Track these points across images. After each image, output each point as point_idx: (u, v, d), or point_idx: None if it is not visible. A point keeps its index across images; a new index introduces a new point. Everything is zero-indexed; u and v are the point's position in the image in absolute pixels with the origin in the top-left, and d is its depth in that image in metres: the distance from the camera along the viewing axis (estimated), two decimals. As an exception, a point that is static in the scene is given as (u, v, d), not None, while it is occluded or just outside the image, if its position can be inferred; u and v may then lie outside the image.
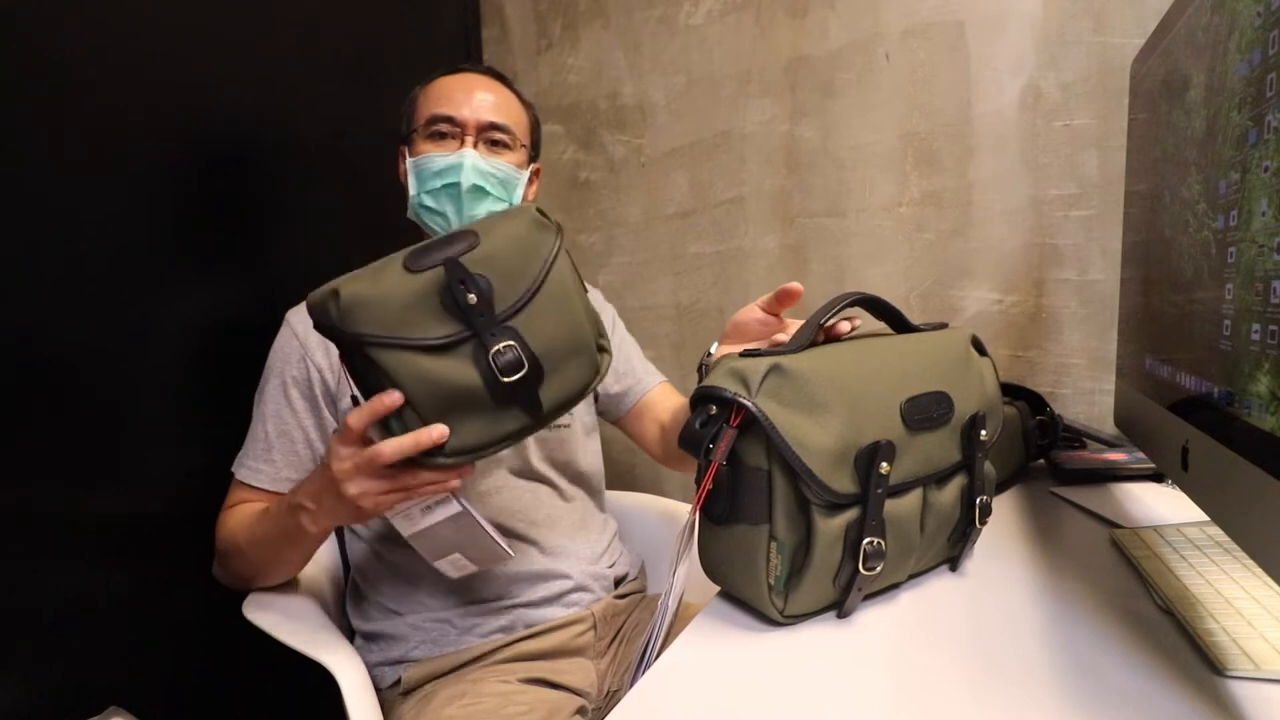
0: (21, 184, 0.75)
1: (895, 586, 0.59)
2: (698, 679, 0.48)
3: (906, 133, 1.17)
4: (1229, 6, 0.44)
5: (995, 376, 0.65)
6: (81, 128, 0.80)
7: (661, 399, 1.01)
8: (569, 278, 0.67)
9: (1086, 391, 1.09)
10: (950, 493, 0.59)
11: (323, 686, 0.69)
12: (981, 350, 0.66)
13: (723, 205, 1.32)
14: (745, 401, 0.51)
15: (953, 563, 0.63)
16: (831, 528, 0.52)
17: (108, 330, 0.82)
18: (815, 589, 0.53)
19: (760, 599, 0.54)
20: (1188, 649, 0.47)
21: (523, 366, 0.61)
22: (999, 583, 0.59)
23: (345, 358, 0.61)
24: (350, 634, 0.86)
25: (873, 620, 0.54)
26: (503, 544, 0.69)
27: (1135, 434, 0.70)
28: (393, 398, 0.59)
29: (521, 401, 0.63)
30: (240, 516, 0.78)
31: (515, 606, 0.82)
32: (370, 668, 0.80)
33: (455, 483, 0.64)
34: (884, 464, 0.52)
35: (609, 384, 1.02)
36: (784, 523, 0.52)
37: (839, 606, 0.55)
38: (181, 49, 0.91)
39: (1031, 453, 0.88)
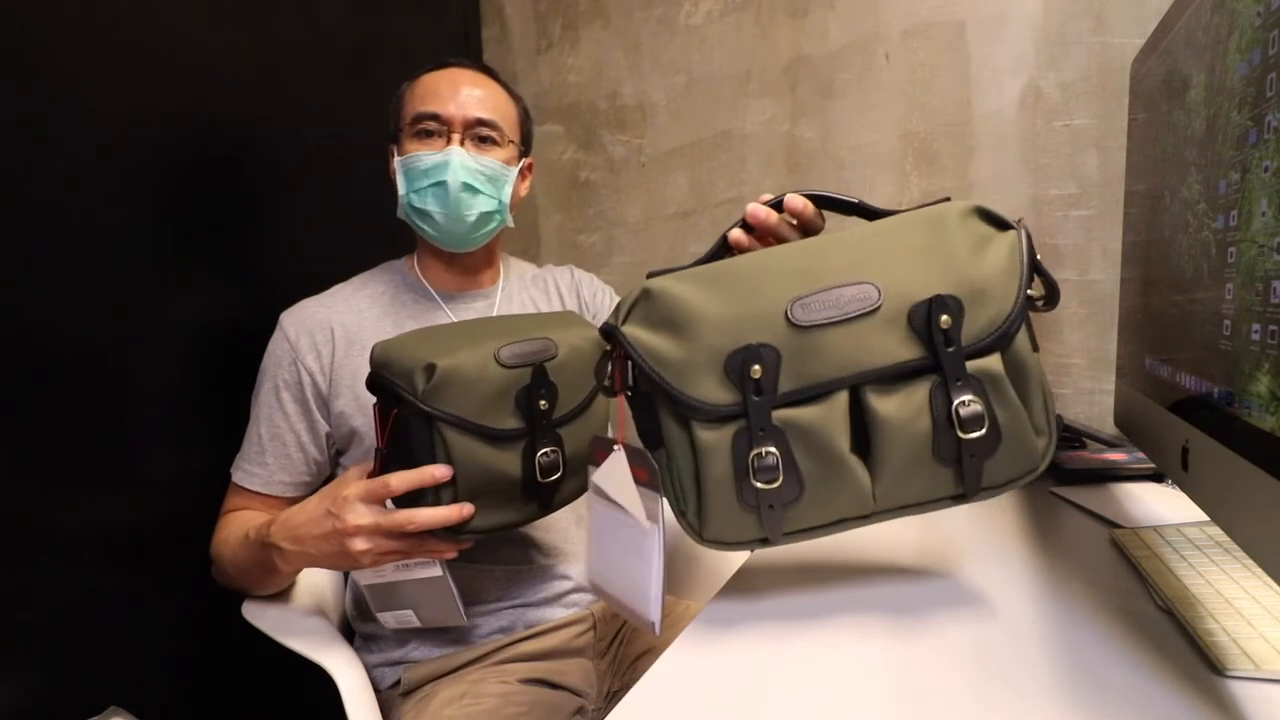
0: (18, 184, 0.75)
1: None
2: (697, 679, 0.48)
3: (906, 133, 1.17)
4: (1229, 6, 0.44)
5: (1014, 254, 0.51)
6: (79, 127, 0.80)
7: None
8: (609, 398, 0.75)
9: (1086, 391, 1.09)
10: (907, 399, 0.50)
11: (322, 687, 0.69)
12: (1000, 224, 0.53)
13: (723, 205, 1.32)
14: (613, 329, 0.53)
15: (961, 498, 0.52)
16: (711, 440, 0.51)
17: (108, 331, 0.82)
18: (723, 511, 0.52)
19: (680, 522, 0.54)
20: (1188, 649, 0.47)
21: (558, 470, 0.68)
22: (999, 583, 0.59)
23: (398, 416, 0.62)
24: (350, 635, 0.86)
25: (873, 620, 0.54)
26: (462, 609, 0.72)
27: (1135, 434, 0.70)
28: (443, 472, 0.61)
29: (541, 497, 0.69)
30: (229, 530, 0.79)
31: (515, 607, 0.82)
32: (370, 668, 0.80)
33: (453, 554, 0.67)
34: (755, 367, 0.50)
35: None
36: (674, 443, 0.53)
37: (763, 541, 0.53)
38: (180, 49, 0.91)
39: None
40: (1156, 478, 0.85)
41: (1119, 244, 0.99)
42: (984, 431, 0.49)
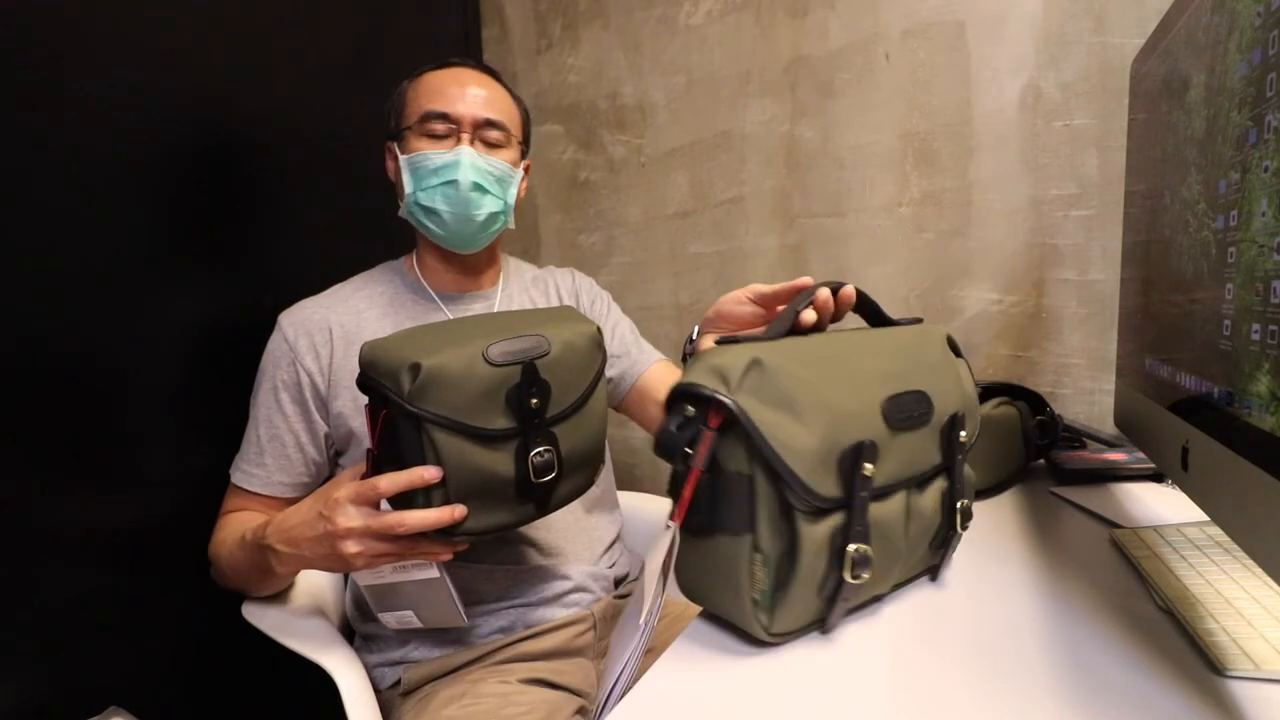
0: (18, 185, 0.75)
1: (879, 599, 0.57)
2: (697, 679, 0.48)
3: (906, 133, 1.17)
4: (1229, 6, 0.44)
5: (971, 377, 0.63)
6: (78, 126, 0.80)
7: (662, 376, 1.00)
8: (603, 394, 0.74)
9: (1086, 391, 1.09)
10: (931, 496, 0.57)
11: (322, 687, 0.69)
12: (957, 351, 0.64)
13: (723, 205, 1.32)
14: (725, 400, 0.47)
15: (933, 572, 0.60)
16: (817, 535, 0.49)
17: (108, 330, 0.82)
18: (801, 602, 0.50)
19: (744, 617, 0.50)
20: (1188, 649, 0.47)
21: (553, 470, 0.66)
22: (999, 583, 0.59)
23: (387, 416, 0.61)
24: (350, 635, 0.86)
25: (873, 621, 0.54)
26: (462, 611, 0.71)
27: (1135, 434, 0.70)
28: (432, 473, 0.60)
29: (537, 498, 0.67)
30: (227, 531, 0.78)
31: (515, 607, 0.82)
32: (370, 668, 0.80)
33: (448, 555, 0.66)
34: (868, 465, 0.50)
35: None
36: (768, 532, 0.49)
37: (823, 622, 0.52)
38: (179, 49, 0.91)
39: (1031, 453, 0.88)
40: (1156, 478, 0.85)
41: (1119, 244, 0.99)
42: (968, 526, 0.59)
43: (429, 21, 1.37)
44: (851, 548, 0.49)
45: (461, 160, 0.81)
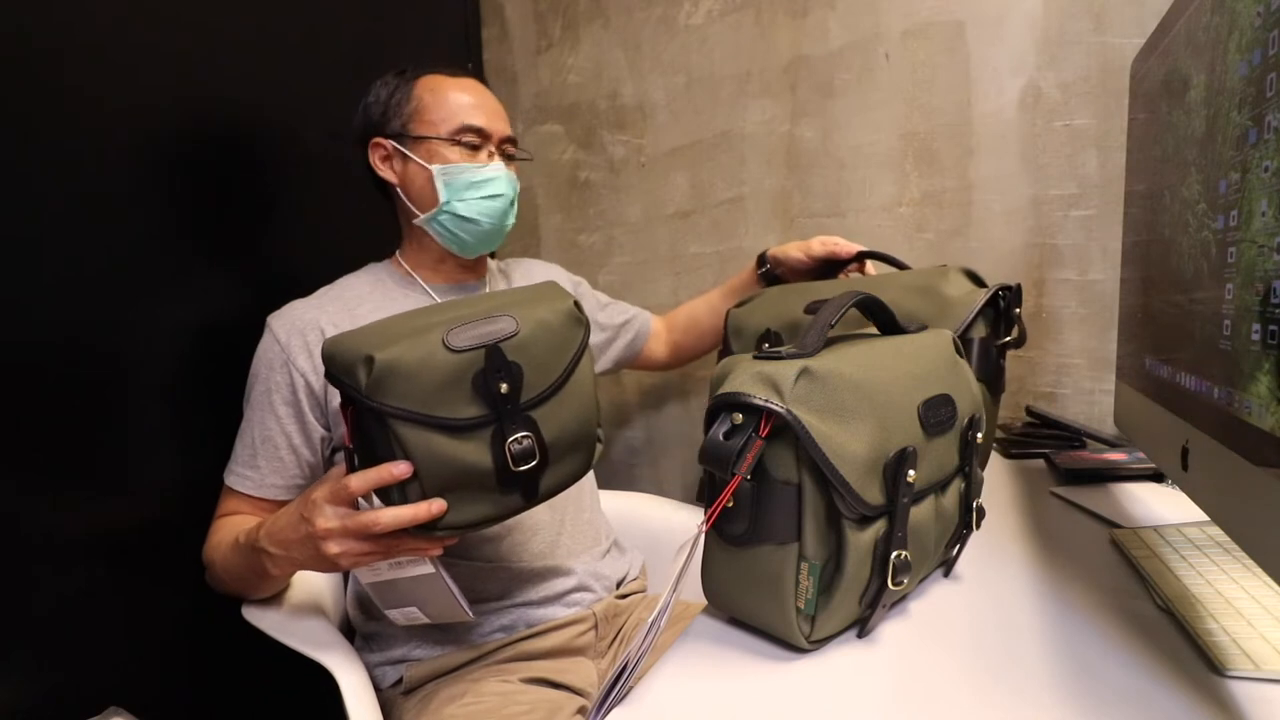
0: (13, 185, 0.75)
1: (902, 599, 0.58)
2: (698, 679, 0.48)
3: (906, 133, 1.17)
4: (1229, 6, 0.44)
5: (973, 378, 0.64)
6: (76, 126, 0.80)
7: (661, 319, 1.19)
8: (588, 373, 0.69)
9: (1086, 391, 1.09)
10: (951, 498, 0.58)
11: (323, 687, 0.69)
12: (960, 351, 0.64)
13: (723, 205, 1.32)
14: (778, 408, 0.46)
15: (946, 567, 0.62)
16: (863, 542, 0.49)
17: (104, 332, 0.82)
18: (842, 610, 0.50)
19: (787, 627, 0.50)
20: (1188, 649, 0.47)
21: (534, 457, 0.63)
22: (999, 583, 0.59)
23: (354, 413, 0.60)
24: (350, 634, 0.86)
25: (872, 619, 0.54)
26: (465, 605, 0.69)
27: (1135, 434, 0.70)
28: (402, 469, 0.58)
29: (522, 487, 0.64)
30: (221, 535, 0.78)
31: (517, 606, 0.82)
32: (371, 667, 0.81)
33: (437, 551, 0.64)
34: (911, 471, 0.50)
35: (616, 340, 1.10)
36: (814, 540, 0.49)
37: (861, 625, 0.52)
38: (179, 48, 0.91)
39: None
40: (1156, 478, 0.84)
41: (1119, 244, 0.99)
42: (981, 525, 0.61)
43: (429, 21, 1.37)
44: (894, 555, 0.50)
45: (503, 175, 0.86)
